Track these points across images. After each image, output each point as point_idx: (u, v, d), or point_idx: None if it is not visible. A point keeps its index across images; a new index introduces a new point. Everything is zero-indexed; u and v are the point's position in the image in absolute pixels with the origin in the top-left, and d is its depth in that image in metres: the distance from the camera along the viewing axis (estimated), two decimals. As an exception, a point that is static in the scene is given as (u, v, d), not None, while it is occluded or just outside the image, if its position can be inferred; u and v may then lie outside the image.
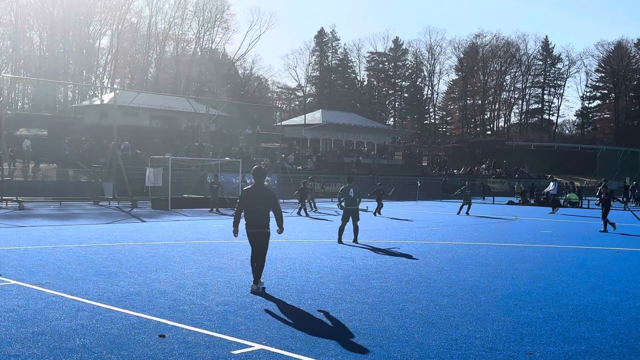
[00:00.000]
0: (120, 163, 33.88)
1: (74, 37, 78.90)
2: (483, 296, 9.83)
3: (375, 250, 15.61)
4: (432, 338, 7.30)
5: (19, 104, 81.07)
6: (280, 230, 10.32)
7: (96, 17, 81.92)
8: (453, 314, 8.55)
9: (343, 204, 17.45)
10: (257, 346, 6.83)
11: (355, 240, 16.97)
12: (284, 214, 10.58)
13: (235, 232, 10.25)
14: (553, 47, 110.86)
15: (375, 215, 28.83)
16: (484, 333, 7.56)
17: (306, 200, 29.60)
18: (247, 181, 35.49)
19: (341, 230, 17.19)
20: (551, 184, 37.27)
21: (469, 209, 30.58)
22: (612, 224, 22.05)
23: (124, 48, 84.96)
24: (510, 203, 45.25)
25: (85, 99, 73.76)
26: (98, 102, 59.86)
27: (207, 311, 8.41)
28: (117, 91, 49.64)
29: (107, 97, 58.23)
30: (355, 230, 17.21)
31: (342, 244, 16.58)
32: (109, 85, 79.46)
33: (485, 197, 50.45)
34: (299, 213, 28.56)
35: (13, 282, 10.20)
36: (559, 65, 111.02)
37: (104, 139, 44.47)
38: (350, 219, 17.17)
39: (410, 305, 9.02)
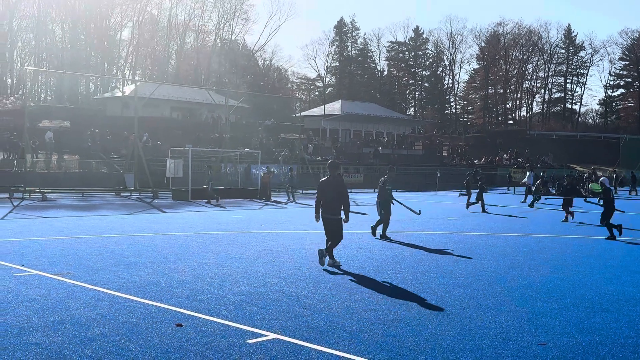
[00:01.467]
0: (142, 154, 34.18)
1: (96, 29, 79.55)
2: (499, 287, 9.85)
3: (392, 241, 15.64)
4: (445, 328, 7.35)
5: (42, 96, 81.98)
6: (347, 219, 11.83)
7: (117, 9, 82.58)
8: (468, 304, 8.59)
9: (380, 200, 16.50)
10: (272, 335, 6.93)
11: (382, 235, 16.02)
12: (303, 207, 10.65)
13: (317, 218, 11.86)
14: (576, 36, 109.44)
15: (483, 211, 25.93)
16: (498, 323, 7.60)
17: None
18: (271, 170, 35.56)
19: (386, 223, 16.09)
20: (527, 173, 36.83)
21: (480, 203, 26.29)
22: (571, 214, 22.24)
23: (144, 40, 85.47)
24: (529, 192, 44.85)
25: (106, 90, 74.44)
26: (119, 94, 60.39)
27: (224, 301, 8.53)
28: (138, 83, 49.98)
29: (128, 89, 58.75)
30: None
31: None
32: (130, 77, 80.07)
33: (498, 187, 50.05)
34: None
35: (35, 272, 10.41)
36: (581, 54, 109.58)
37: (125, 130, 44.88)
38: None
39: (425, 296, 9.07)
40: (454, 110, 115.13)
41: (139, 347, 6.44)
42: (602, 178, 17.99)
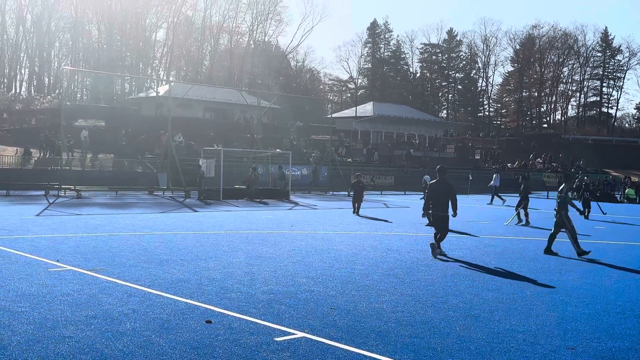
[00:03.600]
0: (175, 154, 34.57)
1: (131, 30, 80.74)
2: (529, 291, 9.77)
3: (422, 243, 15.59)
4: (473, 331, 7.33)
5: (78, 95, 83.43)
6: (454, 214, 13.40)
7: (152, 10, 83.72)
8: (497, 308, 8.54)
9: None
10: (300, 334, 6.98)
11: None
12: (334, 209, 10.73)
13: (425, 215, 14.41)
14: (613, 39, 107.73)
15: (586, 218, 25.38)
16: (526, 327, 7.55)
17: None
18: (256, 169, 35.37)
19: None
20: (494, 175, 36.47)
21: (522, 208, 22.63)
22: (518, 216, 21.80)
23: (179, 41, 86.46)
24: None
25: (141, 90, 75.45)
26: (154, 94, 61.17)
27: (253, 299, 8.62)
28: (172, 83, 50.59)
29: (163, 89, 59.45)
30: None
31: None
32: (164, 78, 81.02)
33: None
34: (357, 212, 24.13)
35: (69, 267, 10.63)
36: (618, 57, 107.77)
37: (159, 130, 45.43)
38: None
39: (454, 299, 9.04)
40: (487, 113, 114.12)
41: (169, 342, 6.55)
42: None
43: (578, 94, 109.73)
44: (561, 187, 14.54)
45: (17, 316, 7.35)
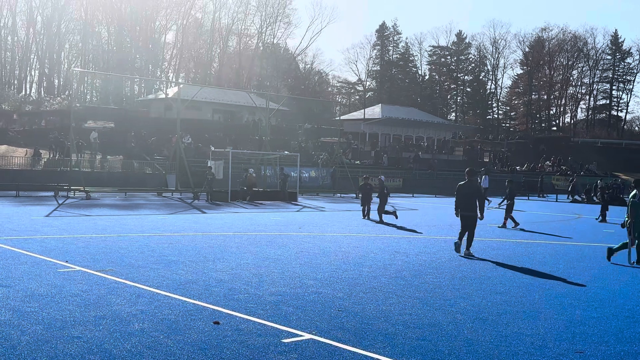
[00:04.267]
0: (183, 156, 34.65)
1: (141, 32, 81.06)
2: (537, 294, 9.75)
3: (430, 245, 15.58)
4: (481, 334, 7.31)
5: (88, 97, 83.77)
6: (481, 217, 14.01)
7: (162, 12, 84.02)
8: (505, 311, 8.52)
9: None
10: (307, 336, 6.99)
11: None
12: (342, 212, 10.75)
13: (457, 214, 14.14)
14: (623, 41, 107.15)
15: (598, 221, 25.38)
16: (534, 331, 7.53)
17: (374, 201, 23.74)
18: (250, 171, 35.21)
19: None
20: (483, 177, 36.52)
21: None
22: (508, 220, 21.61)
23: (188, 43, 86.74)
24: (574, 201, 44.21)
25: (150, 92, 75.69)
26: (163, 95, 61.33)
27: (260, 301, 8.63)
28: (181, 85, 50.74)
29: (172, 91, 59.67)
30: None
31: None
32: (173, 80, 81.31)
33: (545, 195, 49.27)
34: (367, 216, 23.35)
35: (78, 268, 10.68)
36: (628, 60, 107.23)
37: (168, 132, 45.56)
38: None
39: (462, 302, 9.03)
40: (496, 116, 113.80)
41: (177, 343, 6.57)
42: None
43: (587, 97, 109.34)
44: (633, 193, 13.77)
45: (27, 316, 7.39)
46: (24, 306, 7.86)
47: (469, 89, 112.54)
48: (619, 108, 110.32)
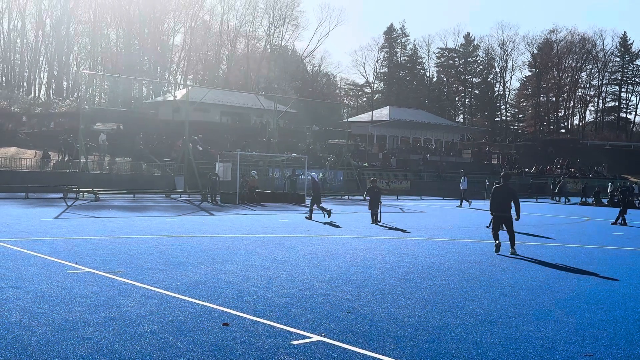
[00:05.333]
0: (191, 158, 34.76)
1: (149, 34, 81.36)
2: (546, 297, 9.71)
3: (438, 248, 15.56)
4: (490, 337, 7.30)
5: (96, 99, 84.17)
6: (517, 218, 14.86)
7: (170, 15, 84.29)
8: (514, 313, 8.50)
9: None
10: (316, 337, 7.00)
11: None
12: (350, 214, 10.74)
13: (492, 214, 15.13)
14: (632, 43, 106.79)
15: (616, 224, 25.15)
16: (544, 333, 7.51)
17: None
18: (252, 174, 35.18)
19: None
20: (462, 178, 36.39)
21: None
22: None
23: (196, 45, 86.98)
24: (584, 204, 44.06)
25: (159, 94, 75.95)
26: (171, 98, 61.56)
27: (269, 302, 8.64)
28: (189, 87, 50.88)
29: (180, 93, 59.83)
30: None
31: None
32: (181, 82, 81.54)
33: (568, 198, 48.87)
34: (376, 221, 22.36)
35: (87, 269, 10.72)
36: (637, 62, 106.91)
37: (176, 134, 45.70)
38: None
39: (471, 304, 9.01)
40: (504, 118, 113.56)
41: (187, 344, 6.59)
42: None
43: (596, 99, 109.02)
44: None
45: (37, 317, 7.43)
46: (34, 307, 7.90)
47: (477, 91, 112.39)
48: (628, 110, 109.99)
